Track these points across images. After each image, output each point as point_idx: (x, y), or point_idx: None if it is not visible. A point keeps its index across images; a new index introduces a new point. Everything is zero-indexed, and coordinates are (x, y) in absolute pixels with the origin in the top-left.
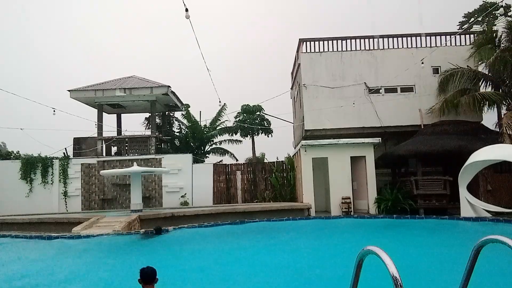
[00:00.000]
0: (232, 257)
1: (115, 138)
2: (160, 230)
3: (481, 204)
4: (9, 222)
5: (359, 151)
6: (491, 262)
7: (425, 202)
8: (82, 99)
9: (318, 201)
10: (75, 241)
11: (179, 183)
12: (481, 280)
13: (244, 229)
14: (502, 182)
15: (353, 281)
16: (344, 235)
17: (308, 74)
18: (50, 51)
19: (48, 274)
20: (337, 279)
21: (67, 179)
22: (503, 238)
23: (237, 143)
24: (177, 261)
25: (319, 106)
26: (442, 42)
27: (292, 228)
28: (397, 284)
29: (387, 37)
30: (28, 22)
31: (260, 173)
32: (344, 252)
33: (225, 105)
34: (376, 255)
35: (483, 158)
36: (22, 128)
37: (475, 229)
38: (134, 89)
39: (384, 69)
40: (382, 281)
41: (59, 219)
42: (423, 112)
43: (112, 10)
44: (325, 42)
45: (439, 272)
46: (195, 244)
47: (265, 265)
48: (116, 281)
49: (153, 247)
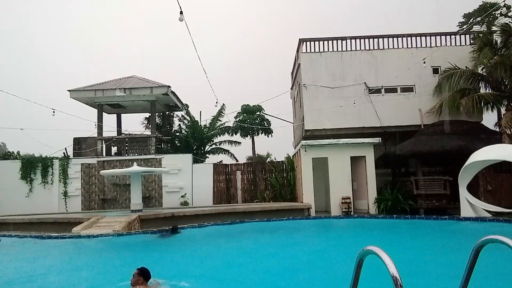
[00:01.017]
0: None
1: (115, 138)
2: (176, 229)
3: (481, 204)
4: (9, 222)
5: (359, 151)
6: (491, 262)
7: (425, 202)
8: (82, 99)
9: (318, 201)
10: (90, 240)
11: (179, 183)
12: (481, 280)
13: (256, 228)
14: (502, 182)
15: (353, 281)
16: (344, 235)
17: (308, 74)
18: (50, 51)
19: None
20: (337, 279)
21: (67, 179)
22: (503, 238)
23: (236, 145)
24: (205, 256)
25: (319, 106)
26: (442, 42)
27: (292, 228)
28: (397, 284)
29: (387, 37)
30: (28, 22)
31: (260, 173)
32: (344, 252)
33: (223, 105)
34: (376, 255)
35: (483, 158)
36: (22, 128)
37: (475, 229)
38: (134, 89)
39: (384, 69)
40: (382, 281)
41: (59, 219)
42: (423, 112)
43: (112, 10)
44: (325, 42)
45: (439, 272)
46: (218, 241)
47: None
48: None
49: (175, 244)
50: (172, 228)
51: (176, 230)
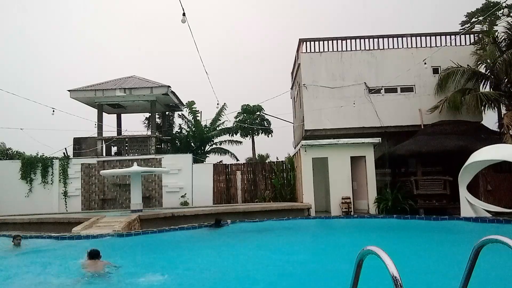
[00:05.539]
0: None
1: (115, 138)
2: (219, 222)
3: (481, 204)
4: (8, 222)
5: (359, 151)
6: (491, 262)
7: (425, 202)
8: (82, 99)
9: (318, 201)
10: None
11: (179, 183)
12: (481, 280)
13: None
14: (502, 182)
15: (353, 281)
16: (344, 235)
17: (308, 74)
18: (50, 51)
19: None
20: (337, 279)
21: (67, 179)
22: (503, 238)
23: (237, 144)
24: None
25: (319, 106)
26: (442, 42)
27: (292, 228)
28: (397, 284)
29: (387, 37)
30: (28, 22)
31: (260, 173)
32: (344, 252)
33: (225, 105)
34: (376, 255)
35: (483, 158)
36: (22, 128)
37: (475, 229)
38: (134, 89)
39: (384, 69)
40: (382, 281)
41: (59, 219)
42: (423, 112)
43: (113, 10)
44: (325, 42)
45: (439, 272)
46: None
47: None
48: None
49: (228, 236)
50: (216, 221)
51: (219, 223)
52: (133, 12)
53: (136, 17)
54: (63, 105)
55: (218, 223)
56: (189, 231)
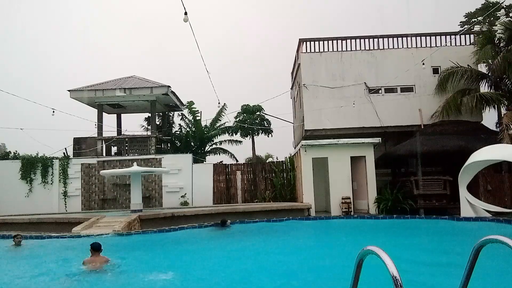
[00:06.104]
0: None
1: (115, 138)
2: (225, 222)
3: (481, 204)
4: (8, 222)
5: (359, 151)
6: (491, 262)
7: (425, 202)
8: (82, 99)
9: (318, 201)
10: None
11: (179, 183)
12: (481, 280)
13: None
14: (502, 182)
15: (353, 281)
16: (344, 235)
17: (308, 74)
18: (50, 51)
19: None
20: (337, 279)
21: (67, 179)
22: (503, 238)
23: (237, 144)
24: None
25: (319, 106)
26: (442, 42)
27: (292, 228)
28: (397, 284)
29: (387, 37)
30: (28, 22)
31: (260, 173)
32: (344, 252)
33: (225, 105)
34: (376, 255)
35: (483, 158)
36: (22, 128)
37: (475, 229)
38: (134, 89)
39: (384, 69)
40: (382, 281)
41: (59, 219)
42: (425, 114)
43: (113, 10)
44: (325, 42)
45: (439, 272)
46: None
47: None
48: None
49: (229, 236)
50: (221, 221)
51: (225, 223)
52: (133, 12)
53: (136, 17)
54: (63, 105)
55: (224, 223)
56: (189, 231)
